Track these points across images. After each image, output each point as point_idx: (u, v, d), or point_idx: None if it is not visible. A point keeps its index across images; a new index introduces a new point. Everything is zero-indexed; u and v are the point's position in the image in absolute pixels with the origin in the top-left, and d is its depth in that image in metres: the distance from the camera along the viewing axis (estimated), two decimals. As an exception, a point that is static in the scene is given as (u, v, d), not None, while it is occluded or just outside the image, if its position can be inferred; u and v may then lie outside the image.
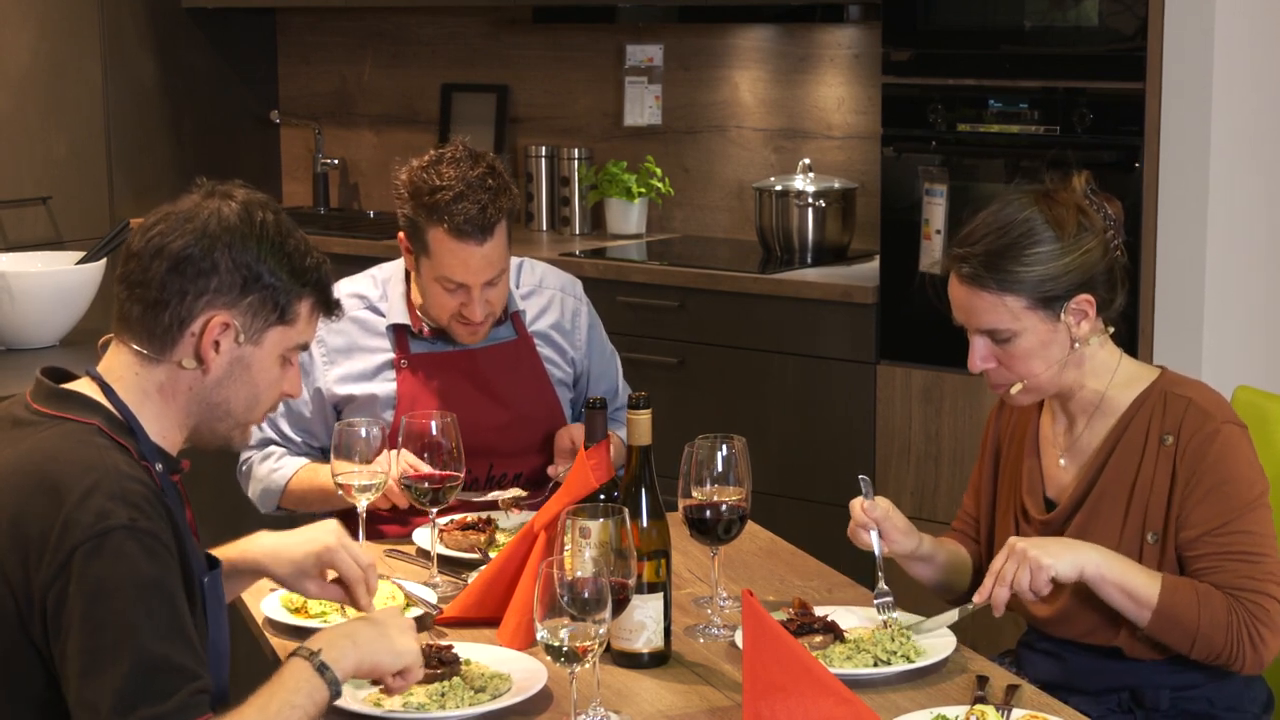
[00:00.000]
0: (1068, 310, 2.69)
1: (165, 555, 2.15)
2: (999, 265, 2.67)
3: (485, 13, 6.04)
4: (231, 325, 2.28)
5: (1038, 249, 2.67)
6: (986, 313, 2.70)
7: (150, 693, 2.08)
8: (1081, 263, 2.68)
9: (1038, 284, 2.67)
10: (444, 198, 3.24)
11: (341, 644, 2.28)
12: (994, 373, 2.74)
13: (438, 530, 3.06)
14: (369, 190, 6.46)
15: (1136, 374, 2.77)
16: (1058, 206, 2.70)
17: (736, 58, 5.56)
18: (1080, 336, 2.71)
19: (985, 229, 2.71)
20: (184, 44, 6.26)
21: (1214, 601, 2.61)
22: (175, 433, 2.33)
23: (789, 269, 4.97)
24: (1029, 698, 2.49)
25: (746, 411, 4.84)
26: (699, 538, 2.78)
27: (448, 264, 3.26)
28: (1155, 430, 2.69)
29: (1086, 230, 2.69)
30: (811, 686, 2.25)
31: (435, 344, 3.41)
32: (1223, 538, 2.63)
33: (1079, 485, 2.76)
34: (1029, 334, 2.69)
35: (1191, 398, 2.69)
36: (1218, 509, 2.64)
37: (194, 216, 2.28)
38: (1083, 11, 4.31)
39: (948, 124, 4.52)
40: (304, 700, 2.21)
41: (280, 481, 3.36)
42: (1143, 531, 2.68)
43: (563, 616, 2.29)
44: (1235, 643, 2.60)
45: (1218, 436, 2.65)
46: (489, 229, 3.25)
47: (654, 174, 5.62)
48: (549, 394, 3.48)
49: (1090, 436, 2.78)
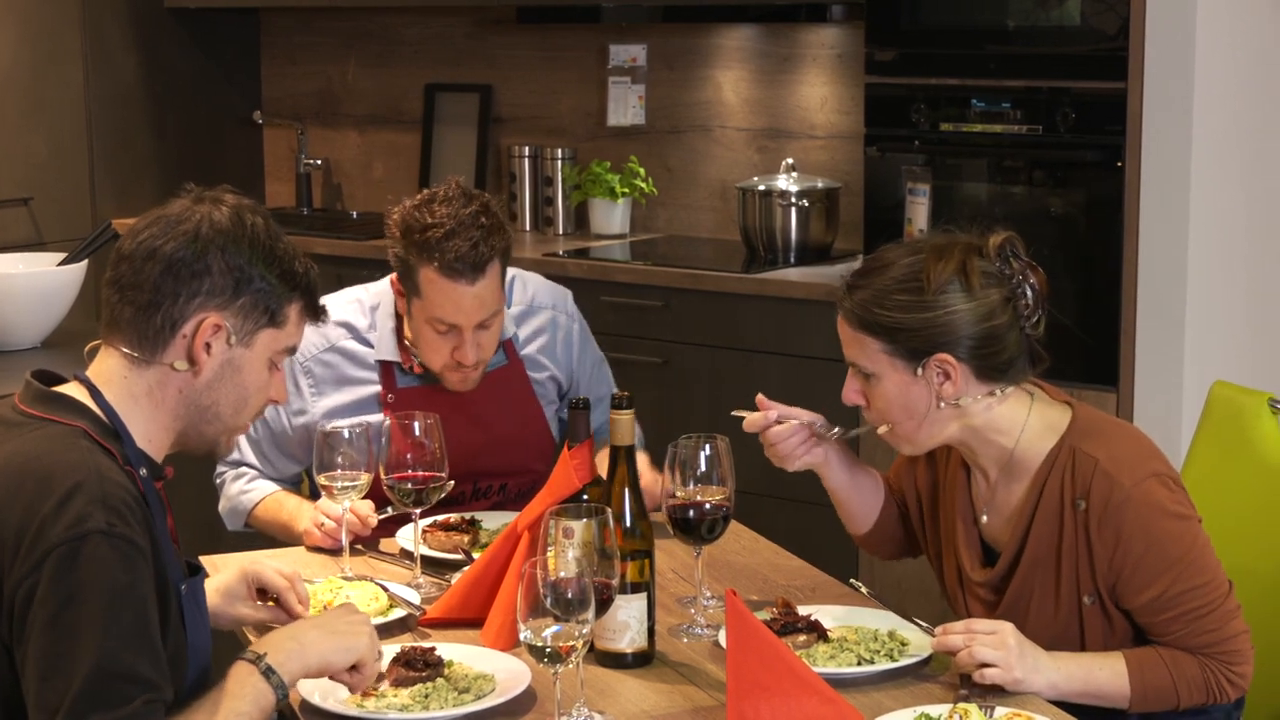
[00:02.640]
0: (927, 366, 2.62)
1: (140, 562, 2.15)
2: (865, 305, 2.65)
3: (469, 13, 6.04)
4: (223, 327, 2.29)
5: (903, 297, 2.62)
6: (849, 347, 2.69)
7: (105, 700, 2.09)
8: (945, 322, 2.60)
9: (894, 333, 2.62)
10: (435, 235, 3.18)
11: (288, 647, 2.30)
12: (867, 413, 2.73)
13: (421, 531, 3.06)
14: (352, 191, 6.46)
15: (1048, 425, 2.68)
16: (943, 260, 2.63)
17: (720, 57, 5.56)
18: (946, 396, 2.63)
19: (874, 266, 2.69)
20: (166, 44, 6.25)
21: (1184, 664, 2.59)
22: (162, 437, 2.33)
23: (773, 269, 4.97)
24: (1011, 696, 2.48)
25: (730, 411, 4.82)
26: (683, 537, 2.78)
27: (438, 304, 3.21)
28: (1069, 494, 2.63)
29: (959, 292, 2.61)
30: (795, 686, 2.25)
31: (423, 380, 3.37)
32: (1171, 603, 2.58)
33: (1011, 545, 2.71)
34: (887, 380, 2.65)
35: (1099, 459, 2.60)
36: (1154, 574, 2.58)
37: (185, 220, 2.30)
38: (1065, 11, 4.32)
39: (931, 124, 4.52)
40: (249, 706, 2.23)
41: (248, 504, 3.35)
42: (1077, 595, 2.64)
43: (546, 617, 2.29)
44: (1218, 691, 2.60)
45: (1129, 503, 2.57)
46: (481, 267, 3.20)
47: (638, 174, 5.62)
48: (538, 418, 3.46)
49: (1008, 495, 2.72)
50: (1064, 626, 2.66)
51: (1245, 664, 2.62)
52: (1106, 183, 4.25)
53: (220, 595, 2.60)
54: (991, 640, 2.50)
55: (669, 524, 2.78)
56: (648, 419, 3.04)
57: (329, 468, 2.98)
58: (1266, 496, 2.97)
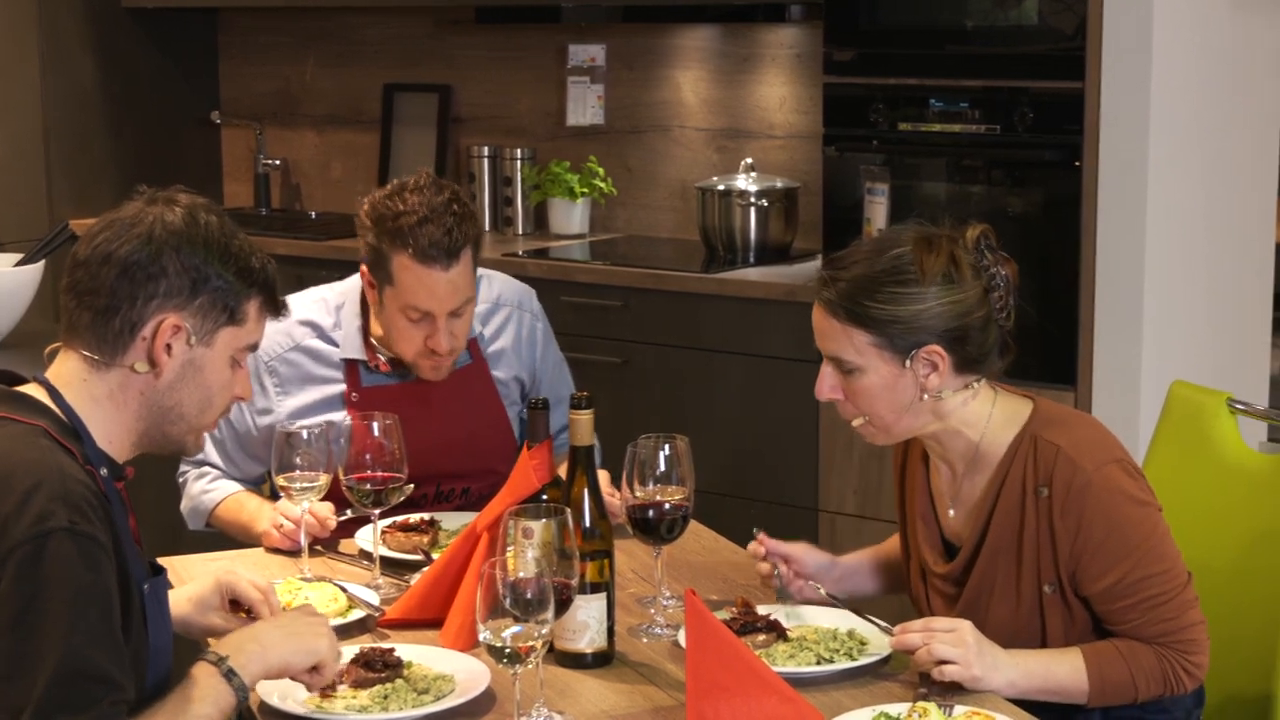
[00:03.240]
0: (916, 359, 2.62)
1: (103, 560, 2.14)
2: (853, 297, 2.61)
3: (428, 13, 6.03)
4: (183, 327, 2.29)
5: (894, 289, 2.60)
6: (834, 341, 2.64)
7: (70, 702, 2.08)
8: (938, 313, 2.60)
9: (886, 324, 2.60)
10: (408, 222, 3.18)
11: (249, 648, 2.30)
12: (841, 405, 2.70)
13: (380, 532, 3.05)
14: (311, 191, 6.44)
15: (1010, 416, 2.69)
16: (931, 253, 2.62)
17: (679, 57, 5.57)
18: (930, 388, 2.63)
19: (855, 258, 2.66)
20: (124, 44, 6.22)
21: (1141, 655, 2.60)
22: (124, 438, 2.32)
23: (732, 268, 4.98)
24: (970, 694, 2.48)
25: (690, 411, 4.84)
26: (642, 537, 2.78)
27: (412, 290, 3.20)
28: (1030, 482, 2.63)
29: (952, 283, 2.61)
30: (754, 685, 2.25)
31: (388, 377, 3.37)
32: (1130, 590, 2.59)
33: (971, 537, 2.71)
34: (872, 373, 2.63)
35: (1060, 445, 2.61)
36: (1113, 559, 2.59)
37: (139, 222, 2.29)
38: (1023, 11, 4.33)
39: (889, 123, 4.53)
40: (210, 709, 2.23)
41: (209, 504, 3.34)
42: (1038, 583, 2.65)
43: (505, 617, 2.29)
44: (1174, 681, 2.61)
45: (1091, 486, 2.58)
46: (455, 253, 3.19)
47: (597, 174, 5.62)
48: (501, 418, 3.46)
49: (971, 488, 2.73)
50: (1025, 617, 2.67)
51: (1201, 654, 2.63)
52: (1064, 182, 4.27)
53: (192, 604, 2.59)
54: (950, 638, 2.50)
55: (628, 524, 2.77)
56: (607, 419, 3.03)
57: (287, 469, 2.97)
58: (1226, 496, 2.98)
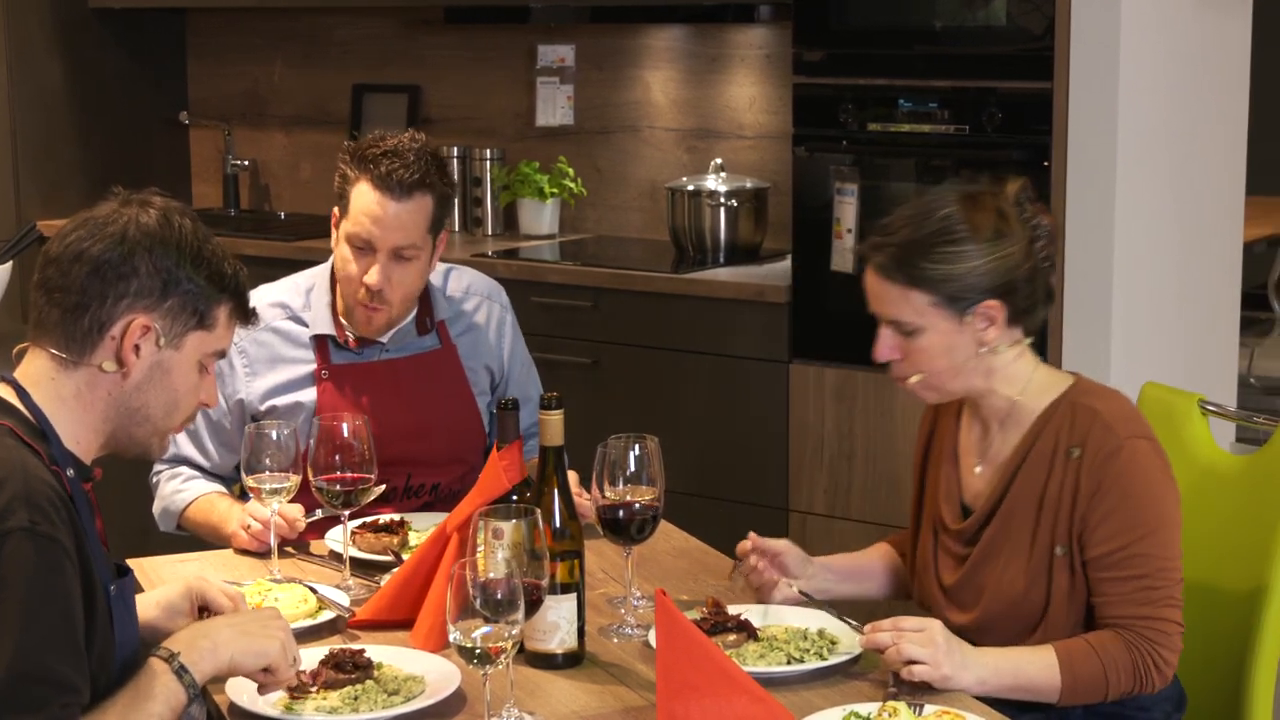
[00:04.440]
0: (974, 313, 2.68)
1: (63, 561, 2.13)
2: (909, 259, 2.68)
3: (397, 13, 6.02)
4: (152, 328, 2.29)
5: (948, 248, 2.67)
6: (893, 304, 2.71)
7: (21, 703, 2.07)
8: (992, 268, 2.67)
9: (944, 283, 2.67)
10: (377, 150, 3.28)
11: (201, 645, 2.29)
12: (896, 365, 2.75)
13: (350, 533, 3.05)
14: (280, 191, 6.42)
15: (1050, 383, 2.76)
16: (979, 209, 2.70)
17: (648, 58, 5.57)
18: (987, 341, 2.70)
19: (904, 221, 2.72)
20: (91, 44, 6.20)
21: (1112, 649, 2.61)
22: (90, 438, 2.32)
23: (702, 269, 4.98)
24: (940, 694, 2.49)
25: (660, 411, 4.84)
26: (612, 537, 2.78)
27: (359, 217, 3.28)
28: (1064, 442, 2.68)
29: (1003, 236, 2.69)
30: (725, 685, 2.25)
31: (358, 354, 3.39)
32: (1123, 561, 2.62)
33: (991, 495, 2.75)
34: (932, 331, 2.69)
35: (1099, 410, 2.67)
36: (1119, 528, 2.63)
37: (113, 222, 2.30)
38: (992, 12, 4.34)
39: (859, 123, 4.54)
40: (161, 707, 2.23)
41: (180, 504, 3.35)
42: (1051, 544, 2.68)
43: (476, 618, 2.29)
44: (1144, 677, 2.62)
45: (1121, 452, 2.63)
46: (409, 190, 3.27)
47: (566, 174, 5.62)
48: (470, 404, 3.47)
49: (1002, 445, 2.77)
50: (1032, 580, 2.69)
51: (1172, 653, 2.64)
52: (1033, 182, 4.26)
53: (161, 609, 2.58)
54: (919, 638, 2.51)
55: (599, 524, 2.77)
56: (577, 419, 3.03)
57: (256, 470, 2.97)
58: (1198, 497, 2.98)
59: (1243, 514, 2.94)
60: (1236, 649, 2.84)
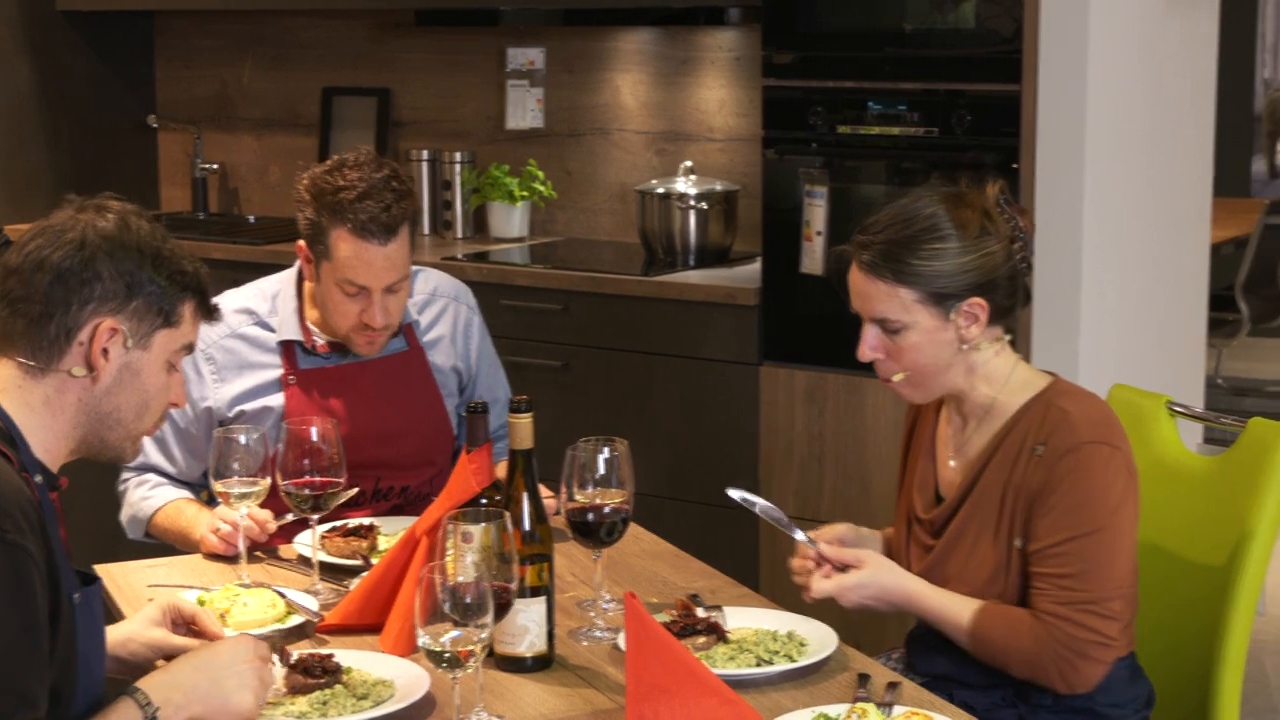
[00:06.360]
0: (959, 311, 2.70)
1: (30, 569, 2.11)
2: (897, 256, 2.70)
3: (367, 16, 6.01)
4: (119, 330, 2.29)
5: (936, 245, 2.69)
6: (879, 302, 2.72)
7: None
8: (979, 265, 2.70)
9: (931, 280, 2.69)
10: (347, 197, 3.23)
11: (174, 699, 2.26)
12: (881, 363, 2.77)
13: (319, 537, 3.04)
14: (249, 195, 6.40)
15: (1028, 381, 2.78)
16: (964, 208, 2.72)
17: (618, 61, 5.57)
18: (970, 339, 2.72)
19: (890, 219, 2.74)
20: (59, 47, 6.17)
21: (1022, 635, 2.65)
22: (60, 446, 2.31)
23: (672, 271, 4.98)
24: (909, 694, 2.50)
25: (631, 414, 4.84)
26: (582, 540, 2.78)
27: (350, 265, 3.24)
28: (1031, 439, 2.70)
29: (989, 235, 2.71)
30: (694, 688, 2.25)
31: (325, 359, 3.38)
32: (1054, 558, 2.65)
33: (961, 486, 2.79)
34: (918, 328, 2.71)
35: (1070, 410, 2.69)
36: (1058, 525, 2.65)
37: (70, 229, 2.30)
38: (961, 14, 4.35)
39: (828, 126, 4.54)
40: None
41: (148, 511, 3.33)
42: (1010, 537, 2.71)
43: (445, 622, 2.29)
44: (1047, 673, 2.65)
45: (1078, 451, 2.65)
46: (393, 230, 3.24)
47: (536, 177, 5.61)
48: (438, 406, 3.46)
49: (977, 439, 2.80)
50: (994, 571, 2.72)
51: (1085, 660, 2.64)
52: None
53: (137, 622, 2.57)
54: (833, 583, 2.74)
55: (568, 527, 2.77)
56: (547, 422, 3.03)
57: (225, 475, 2.96)
58: (1166, 498, 2.99)
59: (1210, 515, 2.94)
60: (1204, 649, 2.85)
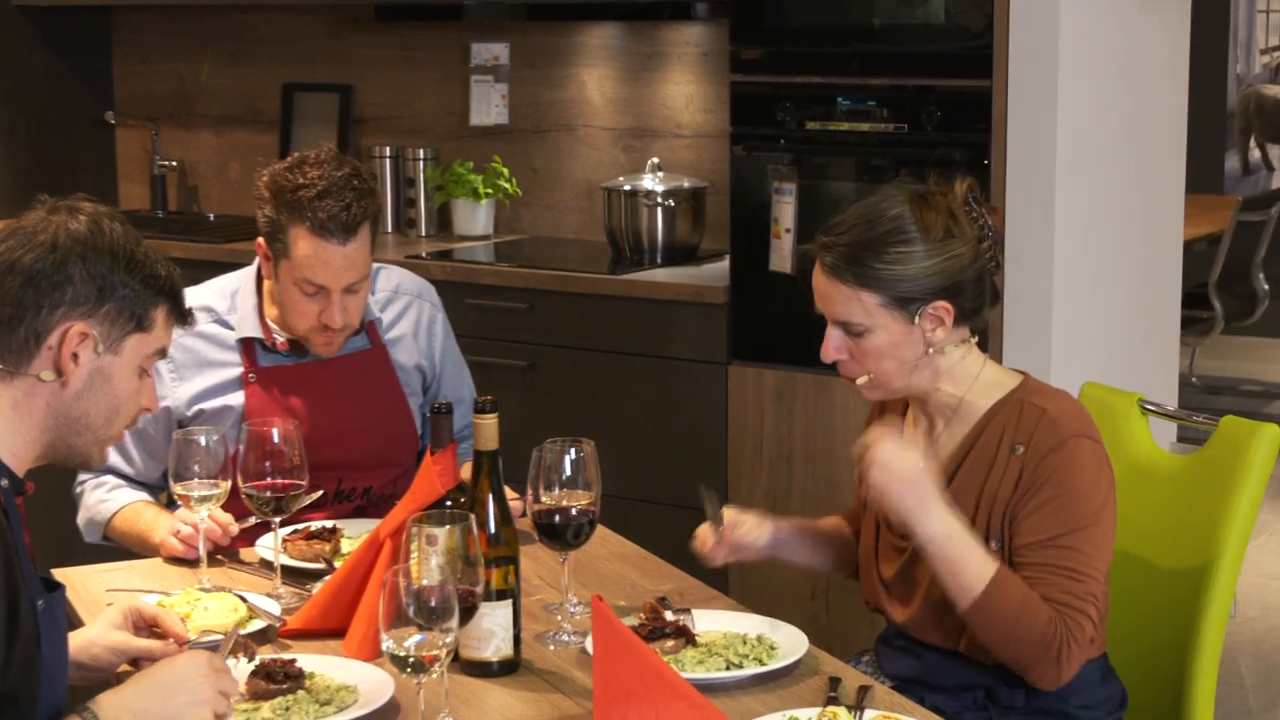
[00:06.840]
0: (923, 315, 2.67)
1: None
2: (859, 259, 2.66)
3: (327, 11, 5.97)
4: (90, 335, 2.27)
5: (899, 249, 2.65)
6: (841, 304, 2.69)
7: None
8: (943, 269, 2.66)
9: (895, 283, 2.65)
10: (307, 195, 3.20)
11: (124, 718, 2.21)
12: (844, 365, 2.74)
13: (281, 540, 3.00)
14: (208, 192, 6.36)
15: (997, 381, 2.75)
16: (930, 210, 2.68)
17: (584, 56, 5.53)
18: (935, 342, 2.69)
19: (854, 221, 2.70)
20: (15, 41, 6.13)
21: (1039, 612, 2.58)
22: (26, 450, 2.28)
23: (639, 269, 4.95)
24: (881, 698, 2.48)
25: (598, 414, 4.81)
26: (548, 543, 2.75)
27: (308, 264, 3.21)
28: (1008, 439, 2.68)
29: (954, 237, 2.67)
30: (663, 691, 2.23)
31: (286, 356, 3.36)
32: (1052, 550, 2.61)
33: None
34: (881, 331, 2.67)
35: (1047, 409, 2.67)
36: (1051, 521, 2.62)
37: (42, 230, 2.28)
38: (931, 9, 4.33)
39: (797, 122, 4.52)
40: None
41: (106, 514, 3.30)
42: (986, 539, 2.67)
43: (409, 626, 2.27)
44: (1040, 657, 2.59)
45: (1064, 447, 2.63)
46: (353, 229, 3.21)
47: (501, 174, 5.58)
48: (401, 405, 3.44)
49: (947, 440, 2.76)
50: None
51: (1079, 647, 2.60)
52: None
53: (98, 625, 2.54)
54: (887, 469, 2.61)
55: (534, 530, 2.74)
56: (513, 423, 3.01)
57: (185, 477, 2.92)
58: (1138, 497, 2.98)
59: (1182, 514, 2.93)
60: (1177, 649, 2.84)
